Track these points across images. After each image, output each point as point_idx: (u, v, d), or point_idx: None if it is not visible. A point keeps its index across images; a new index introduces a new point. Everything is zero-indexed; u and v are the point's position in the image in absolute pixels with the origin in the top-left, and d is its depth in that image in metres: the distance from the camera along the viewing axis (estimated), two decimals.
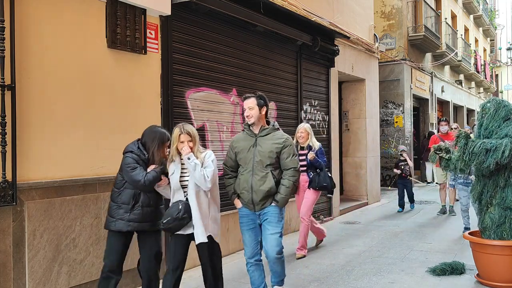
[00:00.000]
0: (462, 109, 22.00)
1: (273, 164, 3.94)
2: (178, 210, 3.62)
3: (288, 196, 3.97)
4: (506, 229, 4.62)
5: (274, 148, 3.94)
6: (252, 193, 3.94)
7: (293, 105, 7.90)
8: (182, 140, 3.68)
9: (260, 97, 4.00)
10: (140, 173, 3.65)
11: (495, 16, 30.97)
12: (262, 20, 6.66)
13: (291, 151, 3.98)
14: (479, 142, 4.49)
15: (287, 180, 3.94)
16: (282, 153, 3.95)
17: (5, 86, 3.69)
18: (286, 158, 3.95)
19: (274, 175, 3.94)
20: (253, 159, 3.95)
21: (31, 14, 3.92)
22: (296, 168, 3.98)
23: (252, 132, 4.02)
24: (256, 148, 3.96)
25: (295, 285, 4.86)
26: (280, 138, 3.99)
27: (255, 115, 3.96)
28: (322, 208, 8.73)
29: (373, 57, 11.37)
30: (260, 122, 4.02)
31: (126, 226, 3.68)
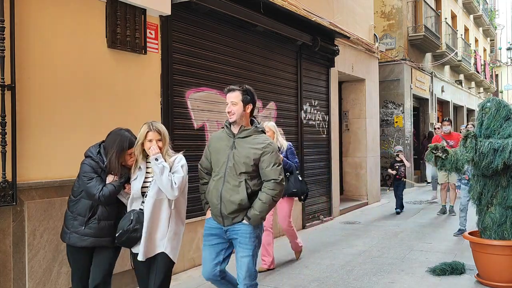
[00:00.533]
0: (462, 109, 22.00)
1: (249, 173, 3.26)
2: (130, 220, 3.21)
3: (264, 213, 3.26)
4: (507, 228, 4.62)
5: (252, 154, 3.25)
6: (221, 204, 3.28)
7: (293, 105, 7.91)
8: (150, 138, 3.25)
9: (246, 91, 3.37)
10: (95, 186, 3.24)
11: (495, 16, 30.97)
12: (262, 20, 6.66)
13: (273, 159, 3.27)
14: (487, 142, 4.48)
15: (265, 194, 3.23)
16: (261, 161, 3.26)
17: (5, 86, 3.69)
18: (266, 167, 3.25)
19: (249, 185, 3.26)
20: (226, 163, 3.31)
21: (31, 14, 3.92)
22: (278, 180, 3.24)
23: (230, 132, 3.38)
24: (232, 151, 3.31)
25: (295, 285, 4.87)
26: (260, 143, 3.30)
27: (238, 112, 3.32)
28: (322, 208, 8.73)
29: (373, 57, 11.37)
30: (243, 120, 3.36)
31: (81, 241, 3.29)
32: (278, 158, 3.33)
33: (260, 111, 7.02)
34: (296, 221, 7.80)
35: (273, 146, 3.33)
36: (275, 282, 4.98)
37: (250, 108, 3.37)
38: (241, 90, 3.36)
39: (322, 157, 8.86)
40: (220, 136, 3.46)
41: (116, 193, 3.30)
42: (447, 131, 8.83)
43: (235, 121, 3.32)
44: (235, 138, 3.35)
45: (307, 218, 8.12)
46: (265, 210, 3.24)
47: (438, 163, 4.85)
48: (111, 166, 3.29)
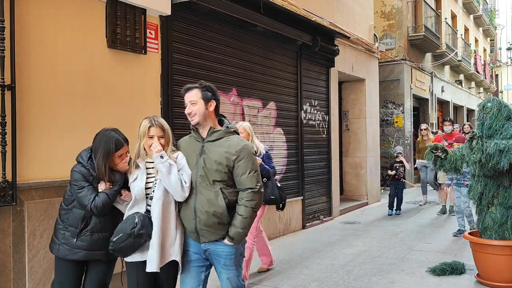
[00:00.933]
0: (462, 109, 22.00)
1: (224, 181, 2.85)
2: (134, 224, 2.85)
3: (247, 228, 2.87)
4: (508, 228, 4.62)
5: (224, 160, 2.84)
6: (195, 219, 2.86)
7: (293, 105, 7.90)
8: (151, 134, 2.95)
9: (206, 87, 2.97)
10: (87, 196, 2.95)
11: (495, 16, 30.97)
12: (262, 20, 6.66)
13: (249, 165, 2.85)
14: (492, 143, 4.47)
15: (243, 207, 2.81)
16: (235, 168, 2.84)
17: (5, 86, 3.69)
18: (242, 175, 2.83)
19: (226, 194, 2.84)
20: (196, 172, 2.89)
21: (31, 14, 3.92)
22: (256, 189, 2.83)
23: (199, 136, 2.96)
24: (202, 158, 2.90)
25: (295, 285, 4.87)
26: (234, 145, 2.87)
27: (200, 112, 2.90)
28: (322, 208, 8.73)
29: (373, 57, 11.37)
30: (208, 121, 2.95)
31: (72, 254, 3.01)
32: (254, 163, 2.89)
33: (260, 111, 7.03)
34: (296, 221, 7.81)
35: (248, 149, 2.88)
36: (275, 282, 4.98)
37: (213, 106, 2.94)
38: (199, 87, 2.94)
39: (322, 157, 8.86)
40: (187, 142, 3.07)
41: (110, 202, 2.99)
42: (448, 131, 8.83)
43: (198, 122, 2.92)
44: (204, 142, 2.93)
45: (307, 218, 8.12)
46: (247, 225, 2.84)
47: (438, 162, 4.85)
48: (99, 173, 2.99)
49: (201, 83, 2.99)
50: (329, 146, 9.07)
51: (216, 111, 2.99)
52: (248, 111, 6.72)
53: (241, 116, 6.60)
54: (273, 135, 7.31)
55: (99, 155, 3.00)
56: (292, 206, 7.71)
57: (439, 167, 4.92)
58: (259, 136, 6.97)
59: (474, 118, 21.20)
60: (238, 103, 6.51)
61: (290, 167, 7.73)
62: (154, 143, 2.92)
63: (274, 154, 7.30)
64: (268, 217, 7.05)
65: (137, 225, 2.85)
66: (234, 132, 2.99)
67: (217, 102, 2.98)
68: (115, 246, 2.89)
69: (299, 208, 7.90)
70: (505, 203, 4.63)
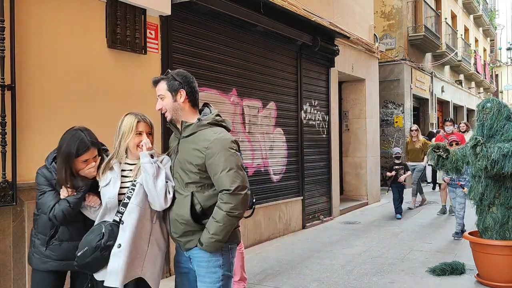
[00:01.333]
0: (462, 109, 22.01)
1: (197, 183, 2.46)
2: (100, 235, 2.48)
3: (221, 236, 2.39)
4: (509, 228, 4.62)
5: (194, 158, 2.44)
6: (170, 224, 2.56)
7: (293, 105, 7.90)
8: (140, 130, 2.61)
9: (173, 76, 2.56)
10: (47, 203, 2.60)
11: (495, 16, 30.98)
12: (262, 20, 6.66)
13: (221, 161, 2.39)
14: (496, 148, 4.43)
15: (218, 210, 2.38)
16: (208, 166, 2.42)
17: (5, 86, 3.69)
18: (215, 174, 2.40)
19: (198, 199, 2.45)
20: (173, 174, 2.59)
21: (31, 14, 3.92)
22: (230, 190, 2.36)
23: (177, 131, 2.61)
24: (176, 157, 2.57)
25: (295, 285, 4.87)
26: (204, 140, 2.44)
27: (169, 106, 2.53)
28: (322, 208, 8.73)
29: (373, 57, 11.37)
30: (180, 115, 2.55)
31: (42, 264, 2.70)
32: (231, 158, 2.41)
33: (260, 111, 7.03)
34: (296, 221, 7.81)
35: (222, 142, 2.42)
36: (275, 282, 4.98)
37: (183, 96, 2.52)
38: (165, 78, 2.56)
39: (322, 157, 8.86)
40: (172, 140, 2.72)
41: (71, 211, 2.58)
42: (450, 131, 8.81)
43: (171, 119, 2.56)
44: (180, 138, 2.58)
45: (307, 218, 8.12)
46: (221, 232, 2.37)
47: (439, 162, 4.84)
48: (59, 177, 2.62)
49: (167, 72, 2.60)
50: (329, 146, 9.07)
51: (192, 101, 2.56)
52: (248, 111, 6.73)
53: (241, 116, 6.60)
54: (273, 135, 7.31)
55: (59, 158, 2.64)
56: (292, 206, 7.71)
57: (441, 167, 4.91)
58: (259, 136, 6.98)
59: (474, 119, 21.18)
60: (238, 103, 6.51)
61: (290, 167, 7.73)
62: (145, 140, 2.58)
63: (274, 154, 7.31)
64: (268, 217, 7.05)
65: (104, 236, 2.47)
66: (212, 124, 2.52)
67: (190, 90, 2.55)
68: (80, 262, 2.50)
69: (299, 208, 7.90)
70: (507, 203, 4.63)
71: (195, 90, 2.59)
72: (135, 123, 2.60)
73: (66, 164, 2.61)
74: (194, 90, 2.59)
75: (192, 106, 2.58)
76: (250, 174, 6.73)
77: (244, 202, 2.41)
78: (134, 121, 2.60)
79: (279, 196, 7.36)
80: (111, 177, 2.60)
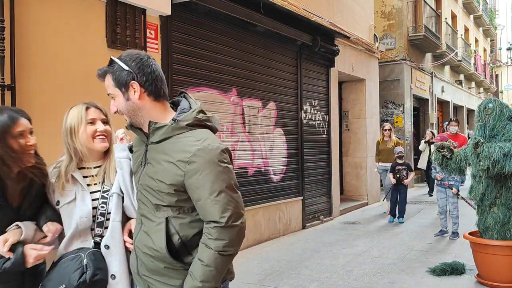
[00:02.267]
0: (462, 109, 22.01)
1: (172, 206, 1.75)
2: (81, 268, 1.92)
3: (212, 282, 1.70)
4: (509, 228, 4.62)
5: (167, 175, 1.72)
6: (137, 260, 1.87)
7: (293, 105, 7.90)
8: (92, 117, 2.10)
9: (120, 66, 1.75)
10: None
11: (495, 16, 30.97)
12: (262, 20, 6.66)
13: (209, 182, 1.67)
14: (497, 148, 4.43)
15: (205, 249, 1.68)
16: (189, 186, 1.70)
17: (5, 86, 3.69)
18: (199, 198, 1.69)
19: (175, 228, 1.75)
20: (138, 189, 1.89)
21: (31, 14, 3.92)
22: (222, 223, 1.66)
23: (142, 134, 1.84)
24: (144, 169, 1.83)
25: (295, 285, 4.86)
26: (183, 150, 1.70)
27: (122, 106, 1.79)
28: (322, 208, 8.73)
29: (373, 57, 11.37)
30: (142, 115, 1.79)
31: None
32: (221, 176, 1.67)
33: (260, 111, 7.02)
34: (296, 221, 7.81)
35: (209, 154, 1.66)
36: (275, 282, 4.98)
37: (137, 90, 1.74)
38: (109, 70, 1.78)
39: (322, 157, 8.86)
40: (137, 143, 1.95)
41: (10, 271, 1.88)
42: (454, 131, 8.62)
43: (131, 122, 1.83)
44: (147, 143, 1.81)
45: (307, 218, 8.12)
46: (213, 278, 1.68)
47: (444, 162, 4.83)
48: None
49: (110, 59, 1.79)
50: (329, 146, 9.07)
51: (154, 93, 1.76)
52: (248, 111, 6.72)
53: (241, 116, 6.60)
54: (273, 135, 7.31)
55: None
56: (292, 206, 7.71)
57: (445, 167, 4.91)
58: (259, 136, 6.98)
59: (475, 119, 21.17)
60: (238, 103, 6.51)
61: (290, 167, 7.73)
62: (120, 130, 2.10)
63: (274, 154, 7.31)
64: (268, 217, 7.05)
65: (88, 269, 1.92)
66: (194, 126, 1.74)
67: (146, 78, 1.74)
68: None
69: (299, 208, 7.90)
70: (508, 203, 4.62)
71: (155, 76, 1.76)
72: (84, 110, 2.11)
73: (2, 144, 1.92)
74: (154, 76, 1.75)
75: (157, 100, 1.77)
76: (250, 174, 6.73)
77: (240, 236, 1.71)
78: (82, 109, 2.11)
79: (279, 196, 7.36)
80: (75, 190, 2.04)
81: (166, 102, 1.83)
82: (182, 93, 1.90)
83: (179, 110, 1.81)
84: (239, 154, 6.49)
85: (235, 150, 6.42)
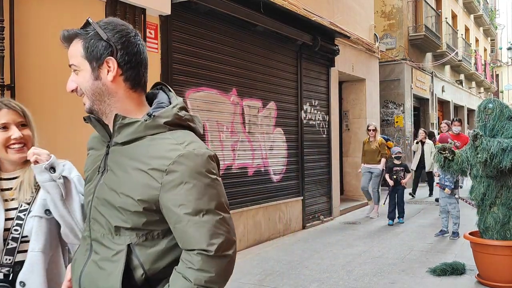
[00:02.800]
0: (462, 109, 22.00)
1: (138, 229, 1.30)
2: None
3: None
4: (510, 228, 4.61)
5: (137, 186, 1.27)
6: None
7: (293, 105, 7.90)
8: (3, 121, 1.74)
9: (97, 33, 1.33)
10: None
11: (496, 15, 30.97)
12: (262, 19, 6.65)
13: (192, 198, 1.23)
14: (495, 142, 4.46)
15: (181, 279, 1.23)
16: (165, 203, 1.25)
17: (5, 86, 3.68)
18: (179, 221, 1.24)
19: (139, 259, 1.29)
20: (90, 205, 1.41)
21: (31, 14, 3.92)
22: (211, 251, 1.22)
23: (104, 130, 1.42)
24: (102, 178, 1.38)
25: (295, 286, 4.86)
26: (160, 156, 1.26)
27: (88, 87, 1.36)
28: (322, 208, 8.72)
29: (374, 57, 11.37)
30: (110, 103, 1.36)
31: None
32: (208, 192, 1.26)
33: (260, 111, 7.02)
34: (296, 221, 7.80)
35: (194, 162, 1.25)
36: (275, 282, 4.97)
37: (112, 69, 1.33)
38: (82, 35, 1.35)
39: (322, 157, 8.86)
40: (93, 141, 1.58)
41: None
42: (457, 131, 8.57)
43: (90, 108, 1.39)
44: (110, 144, 1.40)
45: (307, 218, 8.11)
46: None
47: (445, 164, 4.84)
48: None
49: (87, 21, 1.36)
50: (329, 146, 9.06)
51: (133, 79, 1.35)
52: (248, 111, 6.72)
53: (241, 116, 6.59)
54: (273, 135, 7.31)
55: None
56: (292, 206, 7.70)
57: (446, 169, 4.91)
58: (259, 136, 6.97)
59: (475, 119, 21.14)
60: (238, 103, 6.51)
61: (290, 167, 7.72)
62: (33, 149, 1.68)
63: (274, 154, 7.30)
64: (268, 217, 7.05)
65: None
66: (175, 125, 1.33)
67: (129, 58, 1.34)
68: None
69: (299, 208, 7.89)
70: (508, 203, 4.62)
71: (140, 60, 1.36)
72: None
73: None
74: (139, 59, 1.35)
75: (133, 89, 1.35)
76: (250, 174, 6.73)
77: (229, 270, 1.29)
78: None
79: (279, 196, 7.35)
80: None
81: (143, 94, 1.39)
82: (158, 85, 1.45)
83: (155, 103, 1.37)
84: (239, 154, 6.49)
85: (235, 150, 6.42)
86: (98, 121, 1.38)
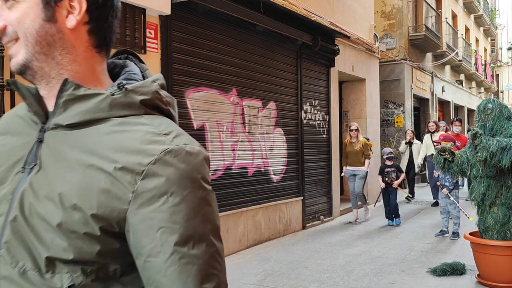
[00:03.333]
0: (463, 109, 21.99)
1: (85, 262, 0.76)
2: None
3: None
4: (510, 228, 4.61)
5: (98, 195, 0.75)
6: None
7: (293, 105, 7.89)
8: None
9: None
10: None
11: (496, 15, 30.96)
12: (262, 19, 6.65)
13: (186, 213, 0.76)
14: (495, 140, 4.47)
15: None
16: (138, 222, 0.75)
17: (4, 86, 3.68)
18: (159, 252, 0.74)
19: None
20: (4, 221, 0.80)
21: None
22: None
23: (35, 104, 0.84)
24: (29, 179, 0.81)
25: (295, 286, 4.85)
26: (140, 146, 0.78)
27: (30, 26, 0.81)
28: (323, 208, 8.72)
29: (374, 56, 11.36)
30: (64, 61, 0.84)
31: None
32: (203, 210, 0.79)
33: (260, 111, 7.01)
34: (296, 221, 7.80)
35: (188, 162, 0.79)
36: (275, 282, 4.96)
37: (76, 13, 0.83)
38: None
39: (322, 157, 8.85)
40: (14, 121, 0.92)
41: None
42: (458, 131, 8.56)
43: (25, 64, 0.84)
44: (46, 127, 0.84)
45: (307, 218, 8.11)
46: None
47: (445, 165, 4.84)
48: None
49: None
50: (329, 146, 9.06)
51: (100, 39, 0.88)
52: (248, 111, 6.72)
53: (241, 116, 6.59)
54: (273, 135, 7.30)
55: None
56: (292, 206, 7.70)
57: (446, 170, 4.91)
58: (259, 136, 6.97)
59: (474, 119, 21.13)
60: (238, 103, 6.50)
61: (290, 167, 7.72)
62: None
63: (274, 154, 7.30)
64: (268, 217, 7.04)
65: None
66: (154, 107, 0.89)
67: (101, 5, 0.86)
68: None
69: (299, 208, 7.89)
70: (508, 203, 4.62)
71: (115, 14, 0.90)
72: None
73: None
74: (113, 13, 0.90)
75: (97, 48, 0.89)
76: (250, 174, 6.72)
77: None
78: None
79: (279, 196, 7.35)
80: None
81: (106, 58, 0.92)
82: (124, 53, 0.98)
83: (125, 73, 0.92)
84: (239, 154, 6.48)
85: (235, 150, 6.41)
86: (27, 89, 0.86)
